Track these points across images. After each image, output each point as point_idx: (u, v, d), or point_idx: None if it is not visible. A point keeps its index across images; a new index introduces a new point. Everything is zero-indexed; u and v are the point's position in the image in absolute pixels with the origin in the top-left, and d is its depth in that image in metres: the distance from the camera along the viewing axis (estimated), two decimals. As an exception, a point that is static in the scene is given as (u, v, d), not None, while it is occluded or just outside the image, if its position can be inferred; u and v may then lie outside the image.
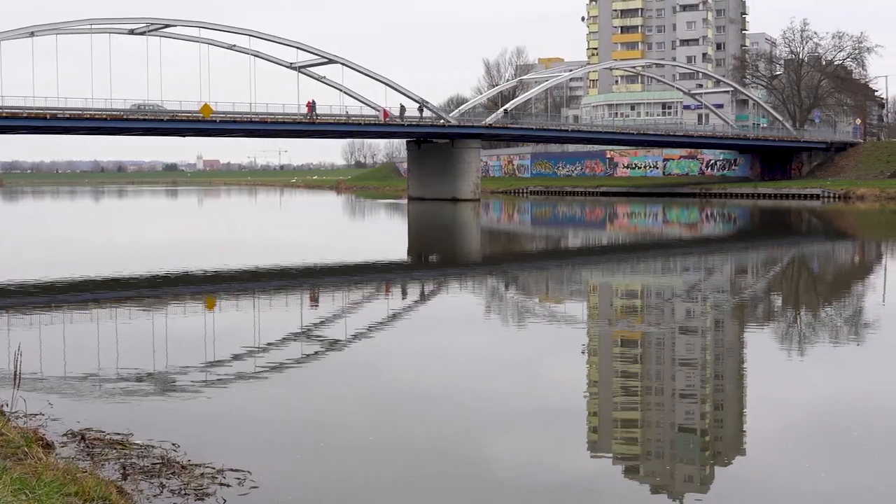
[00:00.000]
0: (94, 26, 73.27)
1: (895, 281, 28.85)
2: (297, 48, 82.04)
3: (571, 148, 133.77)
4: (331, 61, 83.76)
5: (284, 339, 17.62)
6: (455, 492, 9.25)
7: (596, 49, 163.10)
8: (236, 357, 15.80)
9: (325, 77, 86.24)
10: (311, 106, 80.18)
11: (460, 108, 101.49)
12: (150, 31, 76.34)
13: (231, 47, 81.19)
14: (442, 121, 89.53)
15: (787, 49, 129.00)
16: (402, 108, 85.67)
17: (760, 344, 17.56)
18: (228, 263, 32.83)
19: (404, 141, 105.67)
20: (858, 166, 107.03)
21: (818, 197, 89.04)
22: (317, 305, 23.03)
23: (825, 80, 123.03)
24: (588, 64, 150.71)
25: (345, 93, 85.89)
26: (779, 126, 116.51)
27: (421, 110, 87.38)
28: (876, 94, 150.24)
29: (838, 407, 12.31)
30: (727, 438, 11.39)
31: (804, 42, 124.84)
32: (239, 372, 14.67)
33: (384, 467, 9.94)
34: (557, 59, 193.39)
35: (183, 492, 9.01)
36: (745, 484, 9.49)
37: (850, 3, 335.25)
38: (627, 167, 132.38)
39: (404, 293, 25.75)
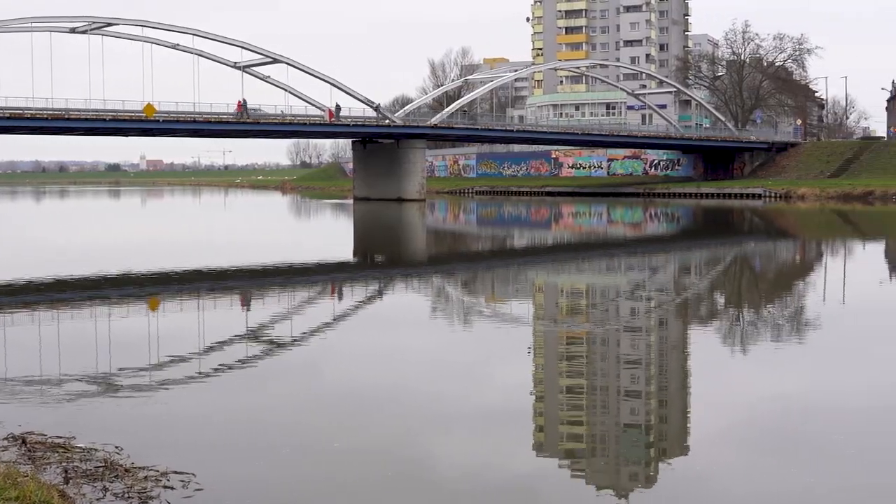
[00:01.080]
0: (34, 24, 72.31)
1: (835, 279, 29.24)
2: (242, 47, 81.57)
3: (517, 148, 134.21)
4: (275, 61, 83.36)
5: (229, 340, 17.50)
6: (400, 492, 9.22)
7: (541, 50, 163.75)
8: (180, 358, 15.66)
9: (269, 77, 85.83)
10: (242, 105, 79.57)
11: (406, 108, 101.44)
12: (92, 29, 75.50)
13: (175, 46, 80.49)
14: (387, 121, 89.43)
15: (729, 50, 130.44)
16: (338, 108, 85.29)
17: (704, 342, 17.73)
18: (173, 264, 32.55)
19: (350, 141, 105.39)
20: (799, 166, 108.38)
21: (760, 196, 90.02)
22: (262, 306, 22.88)
23: (766, 80, 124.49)
24: (533, 64, 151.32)
25: (289, 92, 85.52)
26: (721, 126, 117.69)
27: (378, 110, 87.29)
28: (816, 94, 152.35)
29: (781, 405, 12.44)
30: (672, 436, 11.48)
31: (746, 43, 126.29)
32: (183, 373, 14.54)
33: (329, 468, 9.90)
34: (502, 60, 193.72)
35: (126, 495, 8.90)
36: (690, 481, 9.57)
37: (790, 5, 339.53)
38: (572, 167, 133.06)
39: (350, 294, 25.68)
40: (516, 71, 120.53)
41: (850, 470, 9.63)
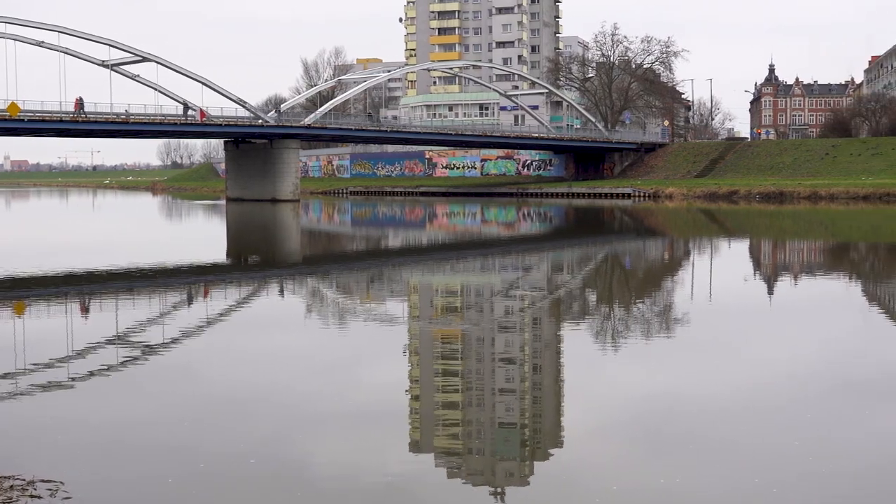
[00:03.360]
0: None
1: (702, 276, 29.98)
2: (110, 46, 79.88)
3: (391, 148, 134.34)
4: (145, 59, 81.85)
5: (99, 344, 17.10)
6: (274, 493, 9.13)
7: (414, 50, 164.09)
8: (47, 364, 15.25)
9: (139, 76, 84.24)
10: (79, 104, 77.63)
11: (279, 107, 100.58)
12: (-51, 25, 73.07)
13: (39, 44, 78.31)
14: (260, 121, 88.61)
15: (598, 52, 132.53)
16: (185, 107, 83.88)
17: (577, 340, 17.97)
18: (40, 267, 31.69)
19: (222, 141, 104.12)
20: (667, 166, 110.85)
21: (629, 196, 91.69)
22: (132, 309, 22.40)
23: (635, 82, 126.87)
24: (406, 65, 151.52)
25: (160, 91, 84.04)
26: (591, 127, 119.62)
27: (280, 109, 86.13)
28: (683, 96, 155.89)
29: (651, 401, 12.68)
30: (545, 433, 11.60)
31: (615, 46, 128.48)
32: (51, 379, 14.17)
33: (203, 471, 9.75)
34: (376, 60, 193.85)
35: (-11, 506, 8.65)
36: (564, 477, 9.69)
37: (658, 9, 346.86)
38: (446, 167, 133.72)
39: (223, 295, 25.32)
40: (390, 71, 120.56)
41: (717, 464, 9.86)
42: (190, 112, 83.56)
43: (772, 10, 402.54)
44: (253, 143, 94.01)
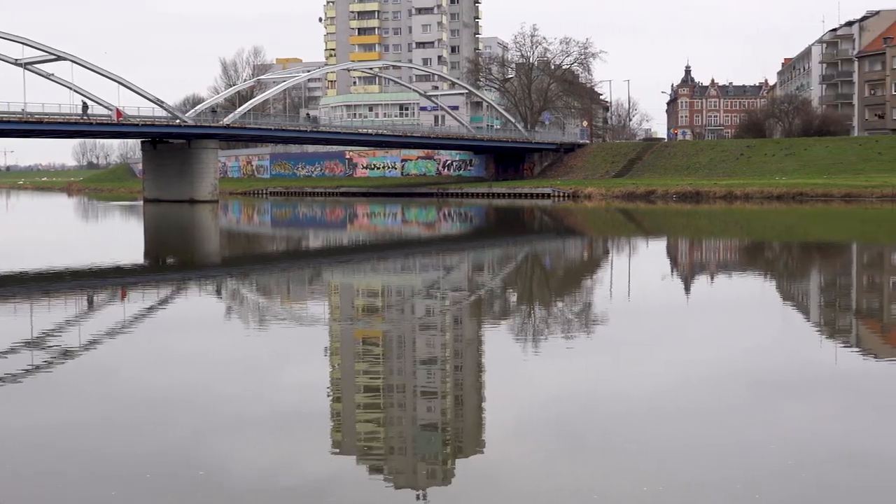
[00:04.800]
0: None
1: (620, 276, 30.31)
2: (24, 44, 78.35)
3: (311, 149, 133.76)
4: (60, 58, 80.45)
5: (12, 348, 16.75)
6: (193, 497, 9.04)
7: (334, 50, 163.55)
8: (-42, 369, 14.92)
9: (53, 74, 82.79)
10: None
11: (197, 107, 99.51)
12: None
13: (-53, 41, 76.66)
14: (178, 120, 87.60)
15: (518, 53, 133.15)
16: (85, 106, 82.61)
17: (498, 339, 18.05)
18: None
19: (139, 141, 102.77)
20: (586, 166, 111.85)
21: (549, 196, 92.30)
22: (47, 312, 22.00)
23: (554, 83, 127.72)
24: (326, 65, 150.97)
25: (75, 91, 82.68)
26: (511, 128, 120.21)
27: (216, 110, 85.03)
28: (601, 97, 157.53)
29: (571, 401, 12.78)
30: (467, 433, 11.63)
31: (534, 47, 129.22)
32: (-39, 385, 13.86)
33: (121, 475, 9.60)
34: (296, 60, 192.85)
35: None
36: (486, 477, 9.72)
37: (576, 10, 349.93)
38: (367, 168, 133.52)
39: (141, 297, 24.97)
40: (309, 71, 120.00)
41: (635, 465, 9.95)
42: (96, 111, 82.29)
43: (688, 11, 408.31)
44: (170, 144, 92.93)
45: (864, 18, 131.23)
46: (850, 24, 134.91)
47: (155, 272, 32.81)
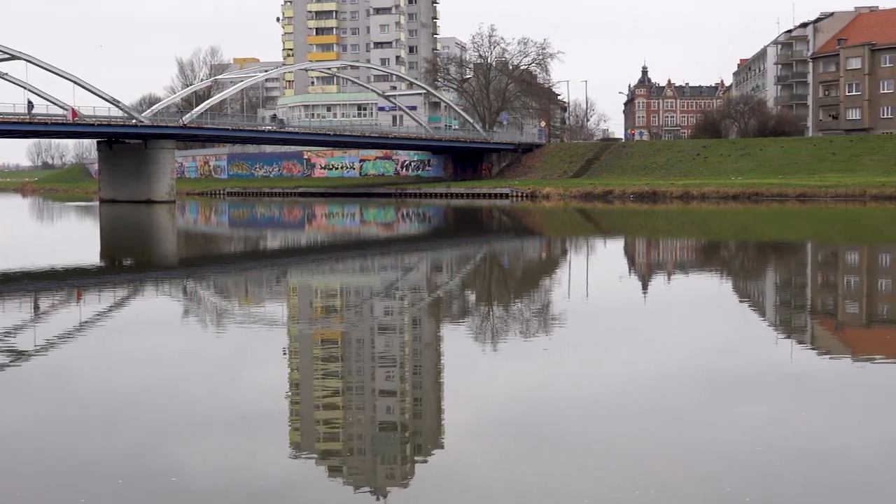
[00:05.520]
0: None
1: (578, 276, 30.44)
2: (-25, 43, 77.59)
3: (269, 149, 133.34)
4: (13, 57, 79.65)
5: (-35, 350, 16.57)
6: (150, 499, 8.98)
7: (291, 50, 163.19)
8: (-89, 372, 14.74)
9: (7, 74, 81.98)
10: None
11: (153, 107, 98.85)
12: None
13: None
14: (134, 120, 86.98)
15: (476, 54, 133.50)
16: (30, 105, 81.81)
17: (457, 340, 18.07)
18: None
19: (95, 141, 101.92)
20: (544, 166, 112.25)
21: (507, 196, 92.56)
22: (0, 313, 21.77)
23: (512, 83, 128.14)
24: (284, 65, 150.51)
25: (29, 90, 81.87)
26: (469, 128, 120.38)
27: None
28: (559, 97, 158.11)
29: (532, 400, 12.81)
30: (427, 433, 11.64)
31: (492, 47, 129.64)
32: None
33: (76, 478, 9.52)
34: (253, 60, 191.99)
35: None
36: (445, 477, 9.73)
37: (534, 11, 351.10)
38: (325, 168, 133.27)
39: (97, 299, 24.75)
40: (267, 71, 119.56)
41: (594, 465, 10.00)
42: (52, 111, 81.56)
43: (645, 12, 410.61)
44: (127, 144, 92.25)
45: (818, 20, 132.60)
46: (804, 25, 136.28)
47: (111, 273, 32.54)
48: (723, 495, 8.95)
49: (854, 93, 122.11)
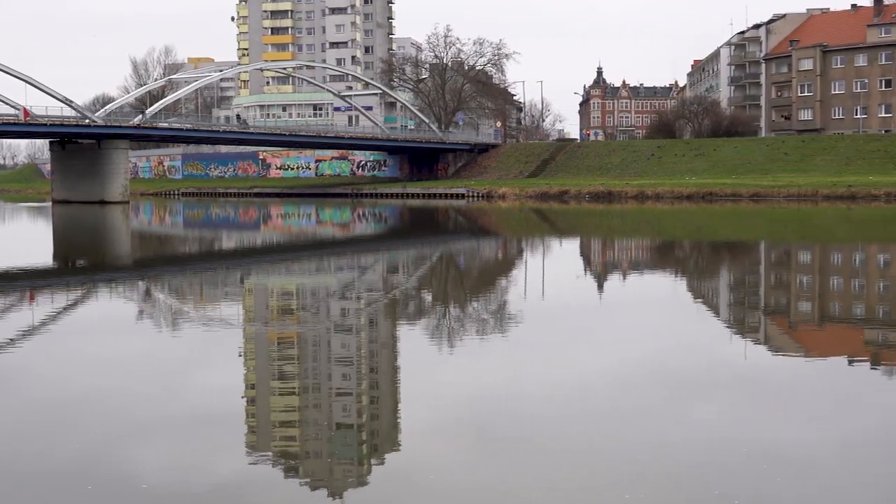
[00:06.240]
0: None
1: (535, 275, 30.55)
2: (-76, 42, 76.58)
3: (223, 149, 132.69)
4: (-38, 57, 78.79)
5: (-85, 353, 16.34)
6: (101, 501, 8.90)
7: (247, 50, 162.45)
8: None
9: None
10: None
11: (107, 107, 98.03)
12: None
13: None
14: (87, 120, 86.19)
15: (431, 54, 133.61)
16: None
17: (413, 340, 18.05)
18: None
19: (47, 141, 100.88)
20: (500, 167, 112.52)
21: (463, 196, 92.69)
22: (-48, 316, 21.49)
23: (468, 84, 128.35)
24: (239, 64, 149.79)
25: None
26: (425, 128, 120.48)
27: (145, 110, 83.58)
28: (514, 98, 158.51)
29: (488, 400, 12.83)
30: (383, 433, 11.63)
31: (448, 47, 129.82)
32: None
33: (25, 479, 9.42)
34: (208, 59, 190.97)
35: None
36: (402, 477, 9.72)
37: (489, 11, 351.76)
38: (280, 168, 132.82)
39: (50, 300, 24.50)
40: (222, 71, 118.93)
41: (550, 464, 10.03)
42: (2, 111, 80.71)
43: (600, 13, 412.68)
44: (80, 144, 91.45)
45: (770, 21, 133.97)
46: (757, 26, 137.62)
47: (65, 275, 32.24)
48: (678, 494, 9.01)
49: (806, 93, 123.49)
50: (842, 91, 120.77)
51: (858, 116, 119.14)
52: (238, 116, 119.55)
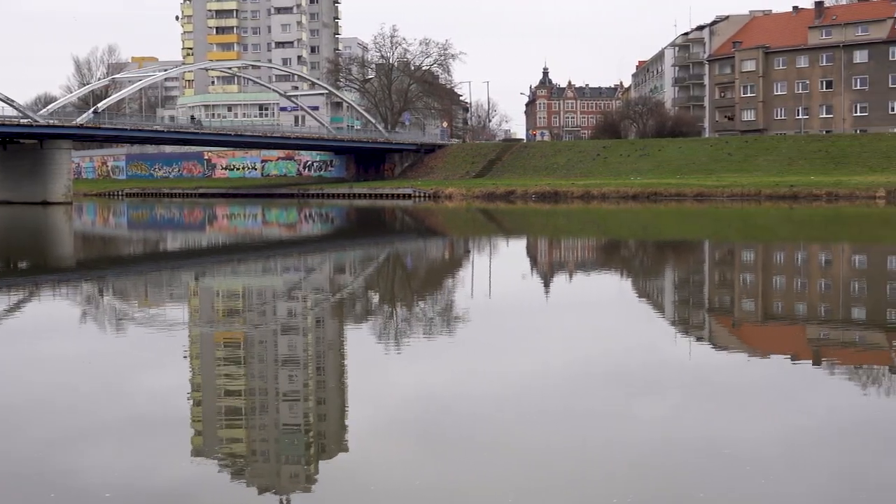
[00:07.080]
0: None
1: (481, 275, 30.61)
2: None
3: (168, 149, 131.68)
4: None
5: None
6: (51, 509, 8.80)
7: (191, 49, 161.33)
8: None
9: None
10: None
11: (49, 106, 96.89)
12: None
13: None
14: (29, 120, 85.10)
15: (378, 54, 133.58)
16: None
17: (360, 341, 18.01)
18: None
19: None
20: (446, 167, 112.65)
21: (410, 196, 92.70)
22: None
23: (414, 84, 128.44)
24: (183, 64, 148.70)
25: (-84, 89, 79.66)
26: (372, 128, 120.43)
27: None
28: (461, 98, 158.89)
29: (432, 399, 12.83)
30: (330, 435, 11.59)
31: (394, 47, 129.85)
32: None
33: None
34: (152, 59, 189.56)
35: None
36: (350, 478, 9.69)
37: (435, 11, 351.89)
38: (226, 168, 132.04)
39: (-10, 303, 24.15)
40: (166, 70, 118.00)
41: (497, 464, 10.04)
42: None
43: (545, 12, 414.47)
44: (22, 144, 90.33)
45: (714, 23, 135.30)
46: (700, 28, 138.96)
47: (5, 276, 31.80)
48: (626, 492, 9.06)
49: (749, 94, 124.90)
50: (784, 92, 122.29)
51: (800, 117, 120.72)
52: (192, 117, 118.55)
